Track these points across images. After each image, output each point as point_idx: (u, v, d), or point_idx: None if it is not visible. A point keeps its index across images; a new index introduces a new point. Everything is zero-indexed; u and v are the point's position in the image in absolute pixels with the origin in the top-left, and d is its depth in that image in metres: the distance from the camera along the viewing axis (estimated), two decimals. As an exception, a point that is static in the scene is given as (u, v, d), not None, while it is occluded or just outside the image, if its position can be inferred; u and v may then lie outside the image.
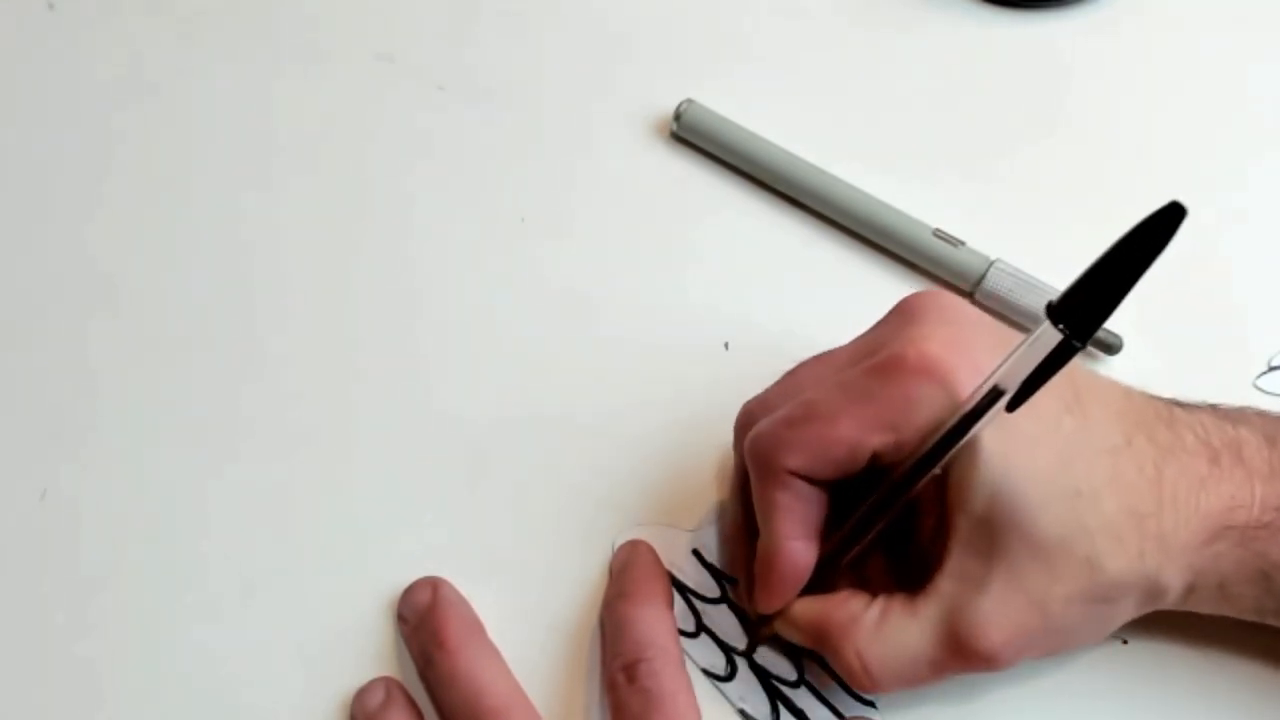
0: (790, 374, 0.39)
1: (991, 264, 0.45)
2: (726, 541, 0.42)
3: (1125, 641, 0.40)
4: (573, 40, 0.52)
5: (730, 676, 0.40)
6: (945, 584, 0.35)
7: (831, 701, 0.39)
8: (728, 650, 0.40)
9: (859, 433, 0.35)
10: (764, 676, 0.40)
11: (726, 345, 0.45)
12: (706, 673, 0.40)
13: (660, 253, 0.47)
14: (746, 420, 0.39)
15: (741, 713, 0.39)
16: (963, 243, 0.46)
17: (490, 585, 0.41)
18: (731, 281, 0.47)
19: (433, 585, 0.40)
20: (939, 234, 0.46)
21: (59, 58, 0.52)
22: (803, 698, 0.39)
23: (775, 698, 0.39)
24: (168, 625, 0.41)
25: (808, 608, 0.37)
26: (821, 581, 0.37)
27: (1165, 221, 0.27)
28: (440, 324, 0.46)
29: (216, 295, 0.47)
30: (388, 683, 0.39)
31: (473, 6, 0.53)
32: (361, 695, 0.39)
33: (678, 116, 0.49)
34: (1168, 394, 0.37)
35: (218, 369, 0.45)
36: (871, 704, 0.39)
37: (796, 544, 0.36)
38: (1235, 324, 0.45)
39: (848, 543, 0.37)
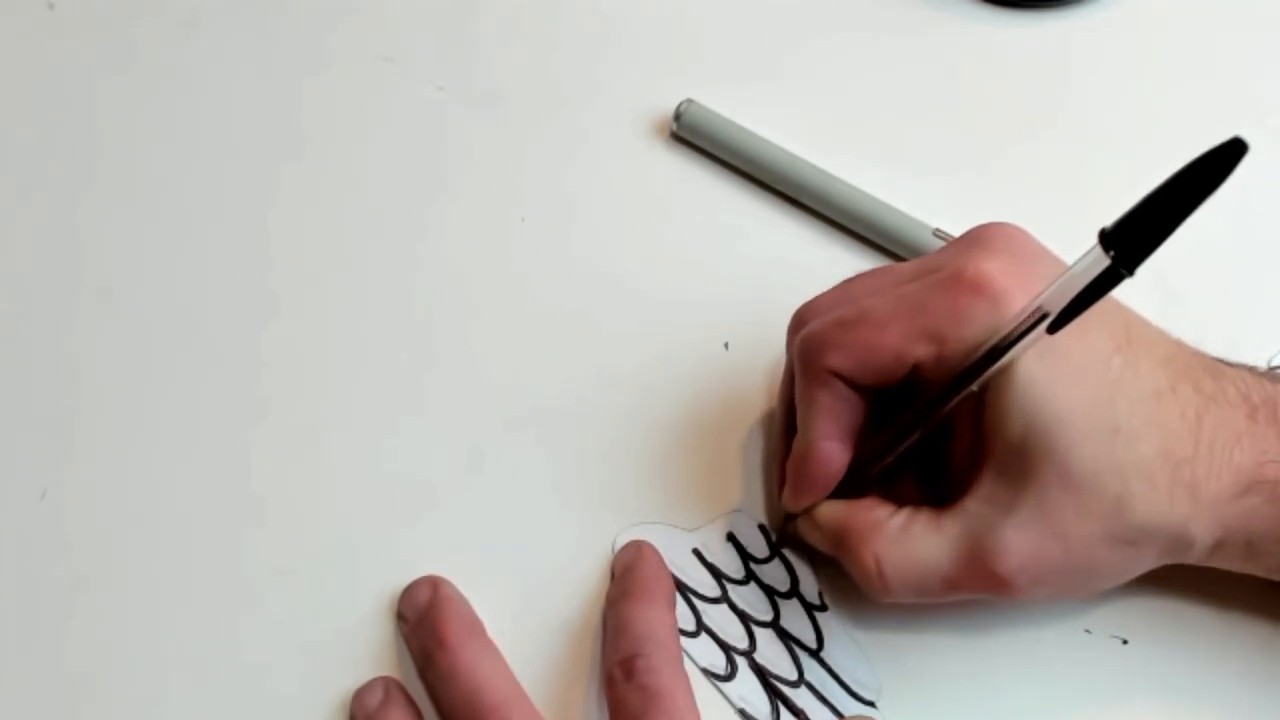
0: (847, 282, 0.40)
1: (991, 264, 0.45)
2: (768, 443, 0.43)
3: (1125, 641, 0.40)
4: (573, 40, 0.52)
5: (730, 676, 0.40)
6: (973, 504, 0.35)
7: (831, 701, 0.39)
8: (728, 650, 0.40)
9: (905, 340, 0.35)
10: (764, 676, 0.40)
11: (726, 345, 0.45)
12: (706, 673, 0.40)
13: (660, 253, 0.47)
14: (797, 322, 0.40)
15: (741, 713, 0.39)
16: (963, 243, 0.46)
17: (490, 585, 0.41)
18: (731, 281, 0.47)
19: (433, 584, 0.40)
20: (939, 234, 0.46)
21: (59, 58, 0.52)
22: (803, 697, 0.39)
23: (775, 697, 0.39)
24: (167, 626, 0.41)
25: (832, 510, 0.38)
26: (851, 488, 0.38)
27: (1225, 156, 0.28)
28: (440, 324, 0.46)
29: (215, 295, 0.47)
30: (386, 682, 0.39)
31: (473, 7, 0.53)
32: (360, 695, 0.39)
33: (678, 116, 0.49)
34: (1258, 363, 0.38)
35: (217, 368, 0.45)
36: (871, 703, 0.39)
37: (831, 444, 0.37)
38: (1235, 324, 0.45)
39: (880, 452, 0.37)
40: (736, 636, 0.40)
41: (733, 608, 0.41)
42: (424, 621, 0.39)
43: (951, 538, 0.36)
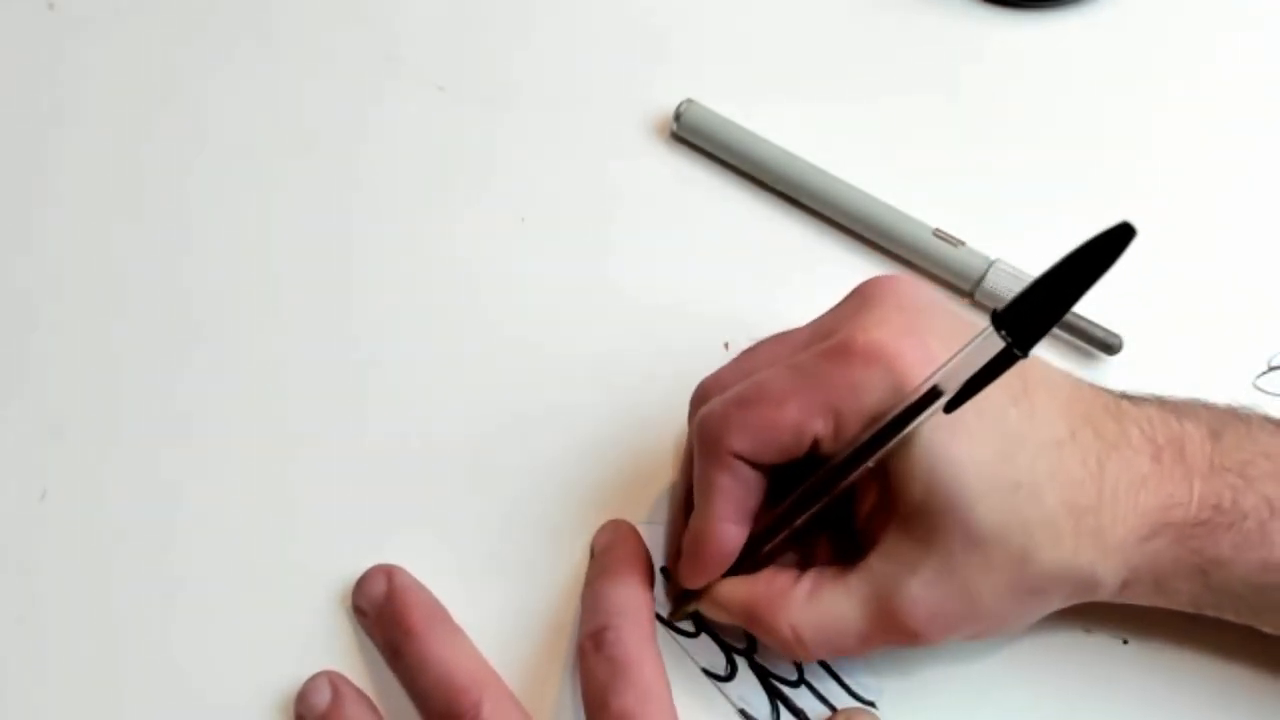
0: (748, 352, 0.39)
1: (991, 264, 0.45)
2: (670, 512, 0.42)
3: (1125, 641, 0.40)
4: (573, 40, 0.52)
5: (730, 676, 0.40)
6: (878, 562, 0.35)
7: (832, 701, 0.39)
8: (728, 650, 0.40)
9: (803, 416, 0.35)
10: (764, 676, 0.40)
11: (726, 345, 0.45)
12: (706, 672, 0.40)
13: (660, 253, 0.47)
14: (701, 396, 0.39)
15: (742, 713, 0.39)
16: (963, 243, 0.46)
17: (486, 584, 0.41)
18: (731, 281, 0.47)
19: (387, 574, 0.40)
20: (939, 234, 0.46)
21: (59, 58, 0.52)
22: (803, 697, 0.39)
23: (775, 697, 0.39)
24: (168, 626, 0.41)
25: (734, 588, 0.38)
26: (745, 563, 0.38)
27: (1114, 241, 0.27)
28: (440, 323, 0.46)
29: (216, 294, 0.47)
30: (332, 677, 0.39)
31: (473, 6, 0.53)
32: (306, 696, 0.39)
33: (678, 116, 0.49)
34: (1168, 395, 0.37)
35: (216, 367, 0.45)
36: (871, 704, 0.39)
37: (728, 526, 0.37)
38: (1235, 324, 0.45)
39: (776, 528, 0.37)
40: (736, 636, 0.40)
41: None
42: (385, 612, 0.39)
43: (861, 598, 0.36)
